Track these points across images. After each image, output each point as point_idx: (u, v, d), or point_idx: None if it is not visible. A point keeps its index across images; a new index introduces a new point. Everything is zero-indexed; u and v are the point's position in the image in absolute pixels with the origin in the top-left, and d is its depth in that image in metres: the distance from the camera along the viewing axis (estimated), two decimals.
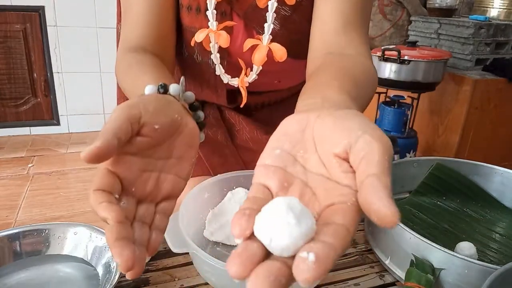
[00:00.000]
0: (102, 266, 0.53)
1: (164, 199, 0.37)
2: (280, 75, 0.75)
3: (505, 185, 0.71)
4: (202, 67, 0.70)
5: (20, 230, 0.56)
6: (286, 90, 0.81)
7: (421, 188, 0.73)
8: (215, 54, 0.65)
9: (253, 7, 0.62)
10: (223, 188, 0.62)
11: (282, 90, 0.80)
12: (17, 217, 1.70)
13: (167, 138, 0.37)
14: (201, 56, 0.69)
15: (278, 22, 0.62)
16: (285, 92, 0.82)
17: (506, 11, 2.08)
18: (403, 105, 1.91)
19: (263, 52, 0.61)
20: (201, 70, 0.71)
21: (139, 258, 0.30)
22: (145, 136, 0.35)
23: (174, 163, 0.38)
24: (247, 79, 0.66)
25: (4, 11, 2.28)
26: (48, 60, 2.44)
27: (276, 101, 0.83)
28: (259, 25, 0.63)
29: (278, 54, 0.60)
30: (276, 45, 0.60)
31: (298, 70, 0.65)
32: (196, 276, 0.54)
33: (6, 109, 2.46)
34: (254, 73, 0.65)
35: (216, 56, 0.65)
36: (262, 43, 0.61)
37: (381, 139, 0.26)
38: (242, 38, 0.65)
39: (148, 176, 0.36)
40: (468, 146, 1.91)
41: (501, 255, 0.61)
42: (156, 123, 0.35)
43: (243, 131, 0.81)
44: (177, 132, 0.38)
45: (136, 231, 0.32)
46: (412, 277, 0.50)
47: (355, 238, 0.65)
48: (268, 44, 0.61)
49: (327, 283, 0.54)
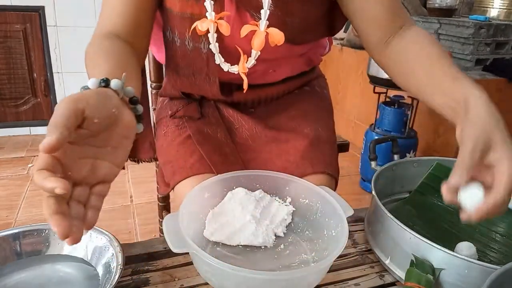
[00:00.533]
0: (102, 266, 0.53)
1: (99, 183, 0.40)
2: (275, 64, 0.75)
3: None
4: (194, 54, 0.70)
5: (20, 230, 0.56)
6: (283, 84, 0.81)
7: (421, 188, 0.73)
8: (214, 44, 0.65)
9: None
10: (223, 188, 0.62)
11: (278, 84, 0.80)
12: (17, 217, 1.70)
13: (105, 130, 0.41)
14: (192, 42, 0.69)
15: (272, 3, 0.63)
16: (282, 87, 0.82)
17: (506, 11, 2.08)
18: (403, 105, 1.91)
19: (261, 37, 0.62)
20: (193, 58, 0.71)
21: (76, 228, 0.35)
22: (85, 128, 0.38)
23: (109, 151, 0.42)
24: (246, 65, 0.66)
25: (4, 11, 2.27)
26: (48, 60, 2.44)
27: (273, 97, 0.83)
28: (252, 7, 0.63)
29: (276, 38, 0.61)
30: (274, 29, 0.61)
31: (292, 59, 0.66)
32: (196, 276, 0.54)
33: (6, 109, 2.46)
34: (252, 58, 0.66)
35: (216, 46, 0.65)
36: (259, 29, 0.62)
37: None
38: (235, 23, 0.65)
39: (84, 162, 0.40)
40: None
41: (501, 255, 0.61)
42: (96, 117, 0.39)
43: (242, 129, 0.81)
44: (114, 124, 0.42)
45: (73, 207, 0.37)
46: (412, 277, 0.50)
47: (355, 238, 0.65)
48: (265, 29, 0.61)
49: (327, 283, 0.54)
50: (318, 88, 0.90)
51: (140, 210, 1.81)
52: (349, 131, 2.66)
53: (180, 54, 0.72)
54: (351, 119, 2.65)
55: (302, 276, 0.47)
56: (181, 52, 0.71)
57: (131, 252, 0.58)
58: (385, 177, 0.70)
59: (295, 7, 0.64)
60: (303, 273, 0.47)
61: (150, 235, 1.62)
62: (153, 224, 1.68)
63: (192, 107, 0.82)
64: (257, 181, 0.64)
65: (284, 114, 0.82)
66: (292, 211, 0.63)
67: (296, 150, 0.77)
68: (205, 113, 0.81)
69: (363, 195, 2.05)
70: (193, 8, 0.64)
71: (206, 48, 0.67)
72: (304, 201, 0.62)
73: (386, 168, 0.70)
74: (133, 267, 0.56)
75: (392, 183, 0.73)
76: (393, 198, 0.74)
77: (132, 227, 1.70)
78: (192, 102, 0.83)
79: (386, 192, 0.73)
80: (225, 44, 0.67)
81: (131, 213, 1.79)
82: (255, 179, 0.64)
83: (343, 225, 0.53)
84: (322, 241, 0.58)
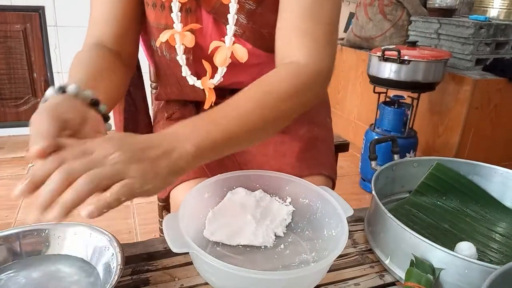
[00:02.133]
0: (102, 266, 0.53)
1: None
2: (260, 70, 0.75)
3: (505, 185, 0.71)
4: (173, 64, 0.70)
5: (20, 230, 0.56)
6: None
7: (421, 188, 0.73)
8: (181, 56, 0.65)
9: (220, 2, 0.62)
10: (223, 188, 0.62)
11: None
12: (17, 217, 1.70)
13: (79, 127, 0.46)
14: (169, 53, 0.69)
15: (244, 16, 0.63)
16: None
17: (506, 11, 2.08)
18: (403, 105, 1.91)
19: (224, 54, 0.62)
20: (173, 67, 0.71)
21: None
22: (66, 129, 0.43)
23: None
24: (212, 81, 0.66)
25: (4, 11, 2.28)
26: (48, 60, 2.44)
27: None
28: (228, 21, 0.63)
29: (239, 54, 0.61)
30: (238, 46, 0.62)
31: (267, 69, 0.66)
32: (196, 276, 0.54)
33: (6, 109, 2.46)
34: (219, 75, 0.66)
35: (182, 58, 0.65)
36: (224, 45, 0.62)
37: None
38: (212, 35, 0.65)
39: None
40: (468, 146, 1.91)
41: (501, 255, 0.61)
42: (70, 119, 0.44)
43: None
44: (84, 122, 0.46)
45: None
46: (412, 277, 0.50)
47: (355, 238, 0.65)
48: (230, 46, 0.62)
49: (327, 283, 0.54)
50: None
51: (140, 210, 1.81)
52: (349, 131, 2.66)
53: (164, 63, 0.73)
54: (351, 119, 2.65)
55: (303, 276, 0.47)
56: (164, 61, 0.72)
57: (131, 252, 0.58)
58: (385, 177, 0.70)
59: (270, 18, 0.63)
60: (304, 272, 0.47)
61: (150, 235, 1.62)
62: (153, 224, 1.68)
63: (188, 109, 0.82)
64: (257, 181, 0.64)
65: None
66: (292, 211, 0.63)
67: (292, 151, 0.77)
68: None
69: (363, 195, 2.05)
70: (167, 19, 0.64)
71: (183, 59, 0.68)
72: (304, 201, 0.62)
73: (386, 168, 0.70)
74: (133, 267, 0.56)
75: (392, 183, 0.73)
76: (393, 198, 0.74)
77: (132, 227, 1.70)
78: (189, 104, 0.83)
79: (386, 192, 0.73)
80: (198, 55, 0.67)
81: (131, 213, 1.79)
82: (255, 179, 0.64)
83: (343, 225, 0.53)
84: (322, 241, 0.58)
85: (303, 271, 0.47)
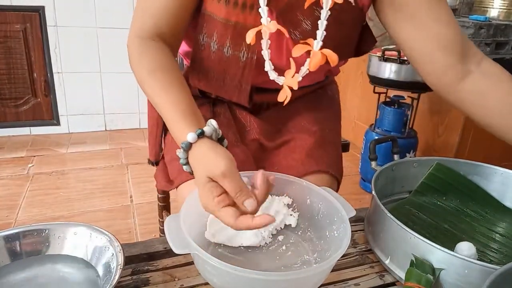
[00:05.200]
0: (102, 266, 0.53)
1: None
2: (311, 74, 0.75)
3: (505, 185, 0.72)
4: (230, 61, 0.70)
5: (20, 230, 0.56)
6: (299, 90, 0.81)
7: (421, 188, 0.73)
8: (266, 50, 0.64)
9: (290, 6, 0.62)
10: None
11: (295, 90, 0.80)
12: (17, 217, 1.70)
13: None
14: (232, 49, 0.68)
15: (310, 23, 0.63)
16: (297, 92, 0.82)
17: (506, 11, 2.08)
18: (403, 105, 1.91)
19: (318, 58, 0.62)
20: (227, 64, 0.70)
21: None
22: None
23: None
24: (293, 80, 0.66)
25: (4, 11, 2.27)
26: (48, 60, 2.44)
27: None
28: (292, 24, 0.63)
29: (332, 58, 0.61)
30: (328, 51, 0.61)
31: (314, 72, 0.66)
32: (196, 276, 0.54)
33: (6, 109, 2.46)
34: (300, 75, 0.65)
35: (266, 53, 0.64)
36: (313, 49, 0.62)
37: None
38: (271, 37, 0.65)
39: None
40: (468, 146, 1.91)
41: (501, 255, 0.61)
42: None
43: (253, 131, 0.81)
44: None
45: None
46: (412, 277, 0.50)
47: (355, 238, 0.65)
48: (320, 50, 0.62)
49: (327, 283, 0.54)
50: (330, 92, 0.91)
51: (140, 210, 1.81)
52: (349, 131, 2.66)
53: (215, 58, 0.71)
54: (351, 119, 2.65)
55: (305, 277, 0.47)
56: (216, 57, 0.71)
57: (131, 252, 0.58)
58: (385, 177, 0.70)
59: (333, 31, 0.63)
60: (307, 273, 0.47)
61: (150, 235, 1.62)
62: (153, 224, 1.68)
63: (205, 106, 0.81)
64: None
65: (295, 115, 0.83)
66: (294, 212, 0.63)
67: (302, 148, 0.77)
68: (217, 113, 0.81)
69: (363, 195, 2.05)
70: (238, 16, 0.64)
71: (245, 57, 0.68)
72: (306, 202, 0.62)
73: (386, 168, 0.70)
74: (133, 267, 0.56)
75: (392, 183, 0.73)
76: (393, 198, 0.74)
77: (132, 227, 1.70)
78: (205, 101, 0.82)
79: (386, 192, 0.73)
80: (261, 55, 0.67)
81: (131, 213, 1.79)
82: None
83: (345, 226, 0.53)
84: (324, 242, 0.58)
85: (306, 272, 0.47)
